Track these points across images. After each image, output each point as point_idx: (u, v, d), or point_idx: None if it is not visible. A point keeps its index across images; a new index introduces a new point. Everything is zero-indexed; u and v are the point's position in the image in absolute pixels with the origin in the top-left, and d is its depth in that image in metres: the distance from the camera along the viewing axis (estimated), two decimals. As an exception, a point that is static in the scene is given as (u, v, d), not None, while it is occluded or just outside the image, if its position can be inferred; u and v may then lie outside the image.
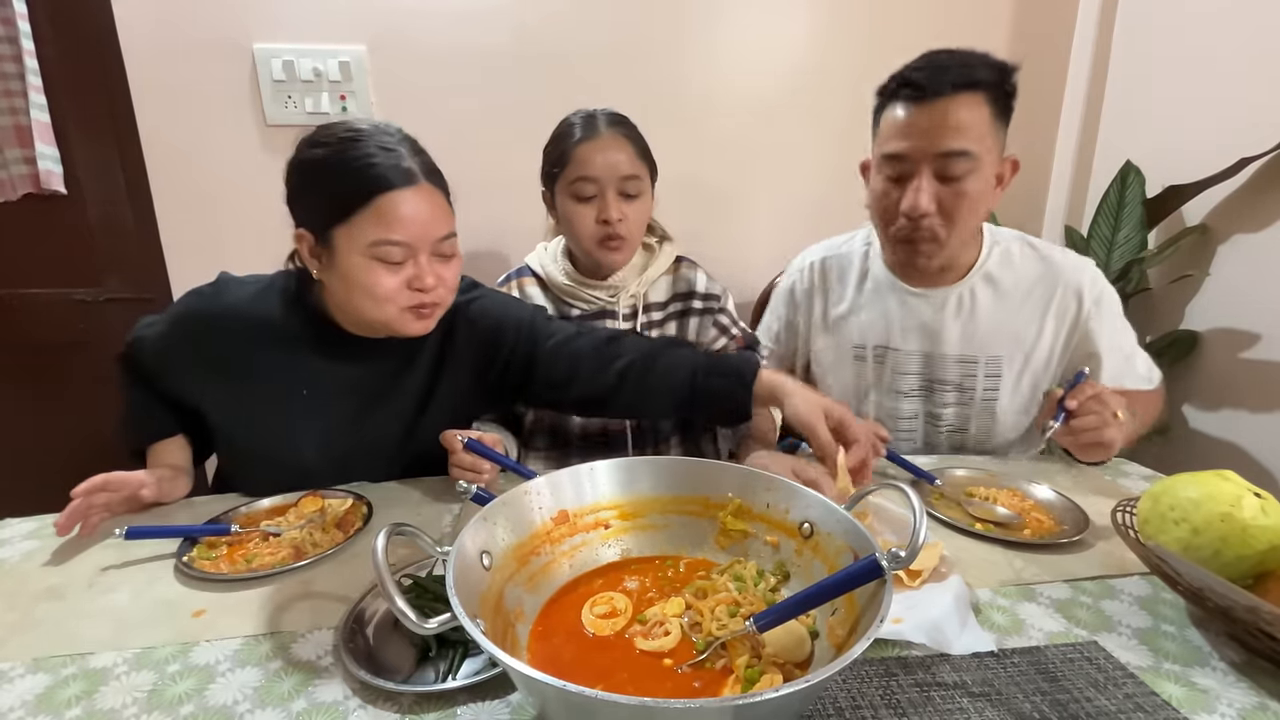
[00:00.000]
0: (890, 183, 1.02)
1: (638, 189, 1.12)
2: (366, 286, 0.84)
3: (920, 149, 0.98)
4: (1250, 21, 1.48)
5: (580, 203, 1.10)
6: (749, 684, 0.53)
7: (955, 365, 1.13)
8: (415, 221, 0.83)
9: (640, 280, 1.20)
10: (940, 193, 0.99)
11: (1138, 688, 0.60)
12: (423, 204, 0.84)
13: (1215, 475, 0.72)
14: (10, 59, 1.39)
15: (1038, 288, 1.10)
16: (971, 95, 0.96)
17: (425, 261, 0.85)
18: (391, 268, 0.84)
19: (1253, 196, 1.50)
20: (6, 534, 0.86)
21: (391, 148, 0.83)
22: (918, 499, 0.55)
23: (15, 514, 0.90)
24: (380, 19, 1.54)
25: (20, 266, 1.58)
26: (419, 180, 0.83)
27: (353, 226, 0.82)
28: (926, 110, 0.96)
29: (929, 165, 0.98)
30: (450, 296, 0.92)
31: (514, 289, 1.24)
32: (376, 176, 0.81)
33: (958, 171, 0.97)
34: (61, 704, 0.58)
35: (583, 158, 1.09)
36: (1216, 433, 1.58)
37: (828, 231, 1.87)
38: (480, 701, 0.57)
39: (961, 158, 0.97)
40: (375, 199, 0.81)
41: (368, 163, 0.81)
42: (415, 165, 0.84)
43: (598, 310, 1.19)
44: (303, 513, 0.88)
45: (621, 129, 1.12)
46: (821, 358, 1.24)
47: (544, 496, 0.67)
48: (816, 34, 1.72)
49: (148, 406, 0.96)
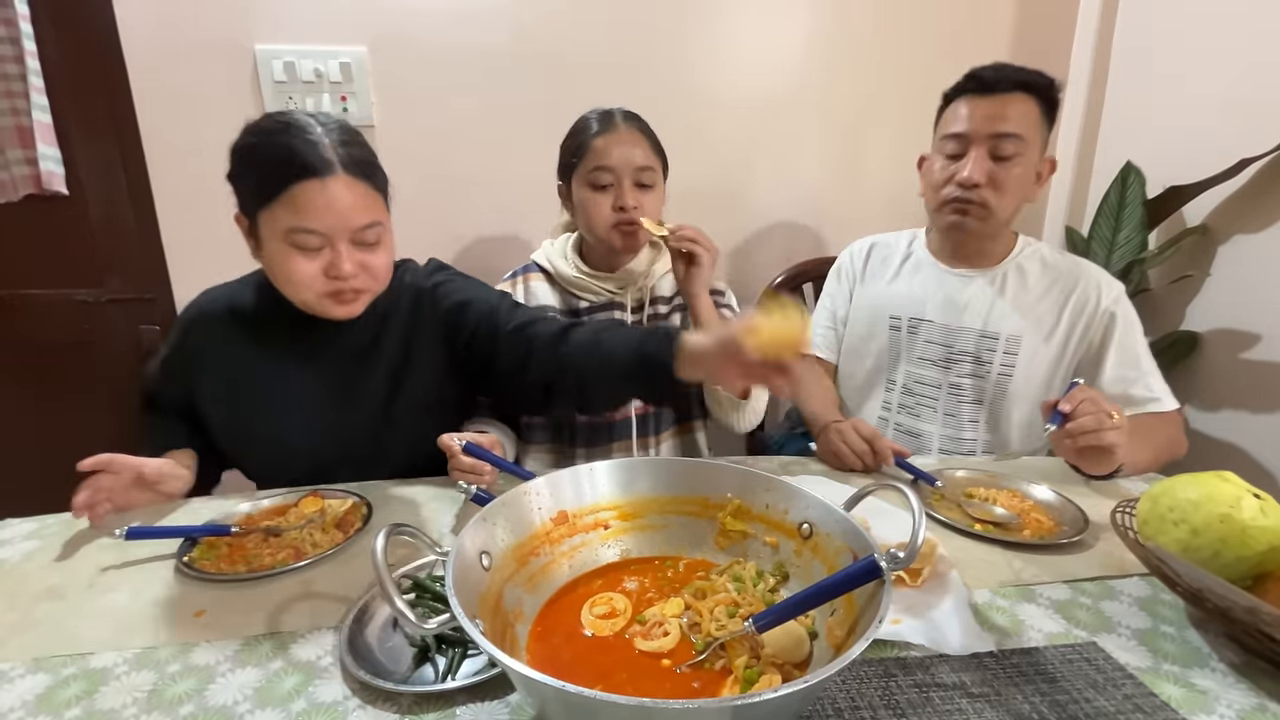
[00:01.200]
0: (948, 159, 1.17)
1: (652, 180, 1.17)
2: (285, 272, 0.87)
3: (977, 129, 1.13)
4: (1250, 22, 1.48)
5: (597, 191, 1.15)
6: (748, 684, 0.53)
7: (976, 339, 1.23)
8: (330, 211, 0.84)
9: (648, 274, 1.24)
10: (991, 169, 1.13)
11: (1137, 689, 0.60)
12: (339, 193, 0.85)
13: (1215, 476, 0.72)
14: (12, 60, 1.39)
15: (1062, 280, 1.21)
16: (1025, 95, 1.12)
17: (344, 249, 0.87)
18: (308, 254, 0.86)
19: (1253, 197, 1.50)
20: (6, 534, 0.86)
21: (316, 139, 0.84)
22: (917, 499, 0.55)
23: (15, 514, 0.90)
24: (381, 20, 1.54)
25: (22, 267, 1.58)
26: (336, 171, 0.84)
27: (273, 213, 0.85)
28: (986, 101, 1.13)
29: (984, 144, 1.13)
30: (376, 283, 0.93)
31: (519, 285, 1.26)
32: (292, 165, 0.83)
33: (1008, 151, 1.12)
34: (61, 704, 0.58)
35: (600, 149, 1.14)
36: (1216, 433, 1.58)
37: (830, 230, 1.89)
38: (480, 702, 0.57)
39: (1012, 139, 1.12)
40: (290, 187, 0.83)
41: (287, 152, 0.83)
42: (336, 156, 0.85)
43: (605, 302, 1.22)
44: (303, 513, 0.88)
45: (636, 124, 1.18)
46: (857, 328, 1.36)
47: (543, 497, 0.67)
48: (819, 33, 1.72)
49: (157, 425, 1.02)
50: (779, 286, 1.69)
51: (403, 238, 1.43)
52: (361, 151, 0.90)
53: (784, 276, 1.70)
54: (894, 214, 1.88)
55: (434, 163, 1.63)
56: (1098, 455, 0.94)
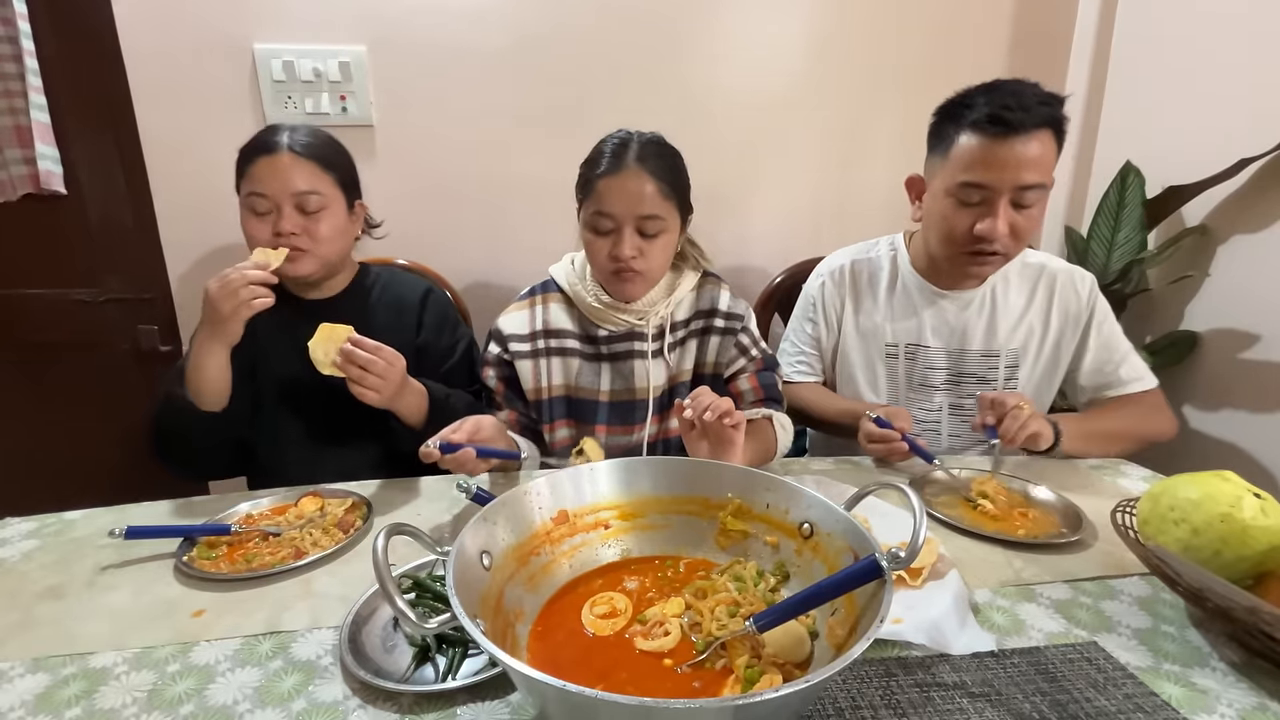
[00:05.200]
0: (964, 207, 1.10)
1: (657, 229, 1.07)
2: (245, 229, 1.09)
3: (1003, 181, 1.04)
4: (1250, 22, 1.48)
5: (597, 235, 1.08)
6: (749, 684, 0.53)
7: (979, 360, 1.23)
8: (274, 178, 1.06)
9: (668, 301, 1.17)
10: (1014, 219, 1.08)
11: (1137, 688, 0.60)
12: (283, 165, 1.06)
13: (1215, 476, 0.72)
14: (10, 59, 1.39)
15: (1041, 284, 1.22)
16: (1045, 132, 1.04)
17: (289, 212, 1.06)
18: (261, 217, 1.07)
19: (1253, 197, 1.50)
20: (6, 534, 0.86)
21: (278, 132, 1.08)
22: (918, 499, 0.55)
23: (15, 514, 0.90)
24: (380, 19, 1.54)
25: (20, 267, 1.57)
26: (281, 150, 1.06)
27: (241, 184, 1.09)
28: (1009, 145, 1.03)
29: (1008, 195, 1.06)
30: (319, 246, 1.09)
31: (536, 306, 1.19)
32: (252, 147, 1.08)
33: (1030, 200, 1.07)
34: (61, 704, 0.58)
35: (602, 192, 1.06)
36: (1216, 433, 1.58)
37: (828, 232, 1.89)
38: (480, 701, 0.57)
39: (1037, 189, 1.06)
40: (249, 163, 1.07)
41: (253, 141, 1.09)
42: (284, 139, 1.07)
43: (625, 331, 1.16)
44: (303, 513, 0.88)
45: (650, 164, 1.06)
46: (852, 356, 1.31)
47: (544, 496, 0.67)
48: (818, 34, 1.72)
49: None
50: (778, 287, 1.69)
51: (401, 237, 1.44)
52: (317, 141, 1.11)
53: (782, 277, 1.69)
54: (893, 214, 1.88)
55: (433, 163, 1.63)
56: (1031, 438, 1.04)
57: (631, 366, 1.16)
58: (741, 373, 1.19)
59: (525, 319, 1.17)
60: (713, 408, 0.89)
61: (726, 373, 1.20)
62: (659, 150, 1.09)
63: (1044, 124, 1.04)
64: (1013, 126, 1.02)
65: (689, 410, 0.91)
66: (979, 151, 1.05)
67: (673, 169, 1.10)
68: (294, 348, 0.99)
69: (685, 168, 1.13)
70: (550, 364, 1.16)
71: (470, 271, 1.69)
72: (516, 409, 1.17)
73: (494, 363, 1.17)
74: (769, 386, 1.19)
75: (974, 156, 1.06)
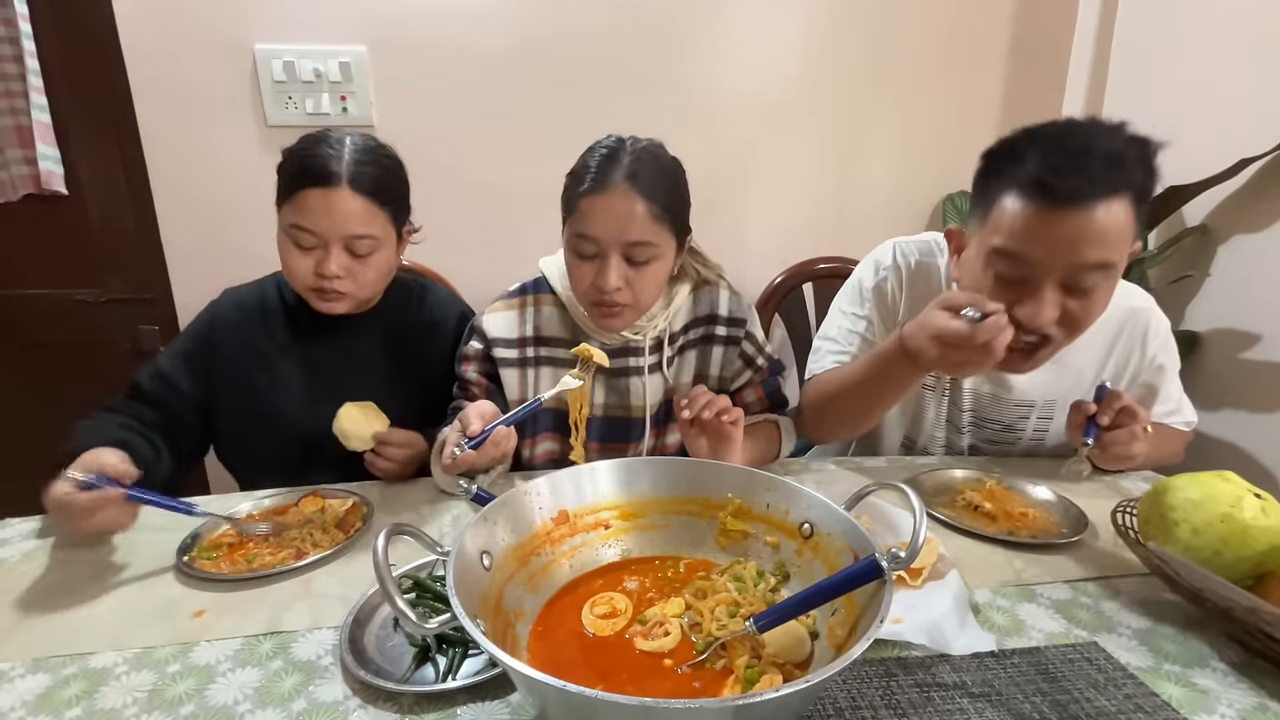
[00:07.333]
0: (1002, 281, 0.85)
1: (647, 256, 0.94)
2: (283, 260, 0.99)
3: (1052, 260, 0.81)
4: (1250, 22, 1.48)
5: (579, 259, 0.96)
6: (749, 684, 0.53)
7: (1012, 408, 1.08)
8: (327, 216, 0.95)
9: (665, 314, 1.07)
10: (1067, 304, 0.83)
11: (1138, 688, 0.60)
12: (339, 204, 0.94)
13: (1215, 476, 0.72)
14: (11, 59, 1.39)
15: (1105, 326, 1.02)
16: (1119, 199, 0.78)
17: (335, 252, 0.96)
18: (303, 250, 0.97)
19: (1253, 197, 1.50)
20: (6, 534, 0.86)
21: (332, 154, 0.95)
22: (918, 499, 0.55)
23: (15, 514, 0.90)
24: (380, 20, 1.54)
25: (21, 267, 1.58)
26: (339, 184, 0.94)
27: (286, 208, 0.97)
28: (1063, 217, 0.78)
29: (1058, 274, 0.82)
30: (360, 290, 1.01)
31: (527, 308, 1.08)
32: (304, 172, 0.95)
33: (1090, 283, 0.82)
34: (61, 704, 0.58)
35: (585, 212, 0.93)
36: (1216, 433, 1.58)
37: (826, 234, 1.88)
38: (480, 701, 0.57)
39: (1099, 270, 0.81)
40: (298, 192, 0.94)
41: (304, 161, 0.95)
42: (345, 170, 0.94)
43: (620, 346, 1.06)
44: (303, 513, 0.88)
45: (642, 182, 0.91)
46: None
47: (544, 497, 0.67)
48: (817, 36, 1.72)
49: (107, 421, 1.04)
50: (777, 287, 1.69)
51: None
52: (377, 171, 0.98)
53: (782, 277, 1.70)
54: (892, 215, 1.89)
55: (433, 163, 1.62)
56: (1120, 460, 0.93)
57: (627, 383, 1.08)
58: (748, 385, 1.13)
59: (514, 321, 1.07)
60: (710, 404, 0.88)
61: (732, 387, 1.13)
62: (654, 164, 0.95)
63: (1115, 191, 0.78)
64: (1067, 197, 0.77)
65: (687, 411, 0.90)
66: (1020, 221, 0.81)
67: (668, 186, 0.96)
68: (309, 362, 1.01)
69: (685, 181, 1.00)
70: (539, 374, 1.07)
71: (470, 272, 1.68)
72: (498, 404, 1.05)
73: (476, 357, 1.07)
74: (773, 394, 1.14)
75: (1015, 226, 0.81)
